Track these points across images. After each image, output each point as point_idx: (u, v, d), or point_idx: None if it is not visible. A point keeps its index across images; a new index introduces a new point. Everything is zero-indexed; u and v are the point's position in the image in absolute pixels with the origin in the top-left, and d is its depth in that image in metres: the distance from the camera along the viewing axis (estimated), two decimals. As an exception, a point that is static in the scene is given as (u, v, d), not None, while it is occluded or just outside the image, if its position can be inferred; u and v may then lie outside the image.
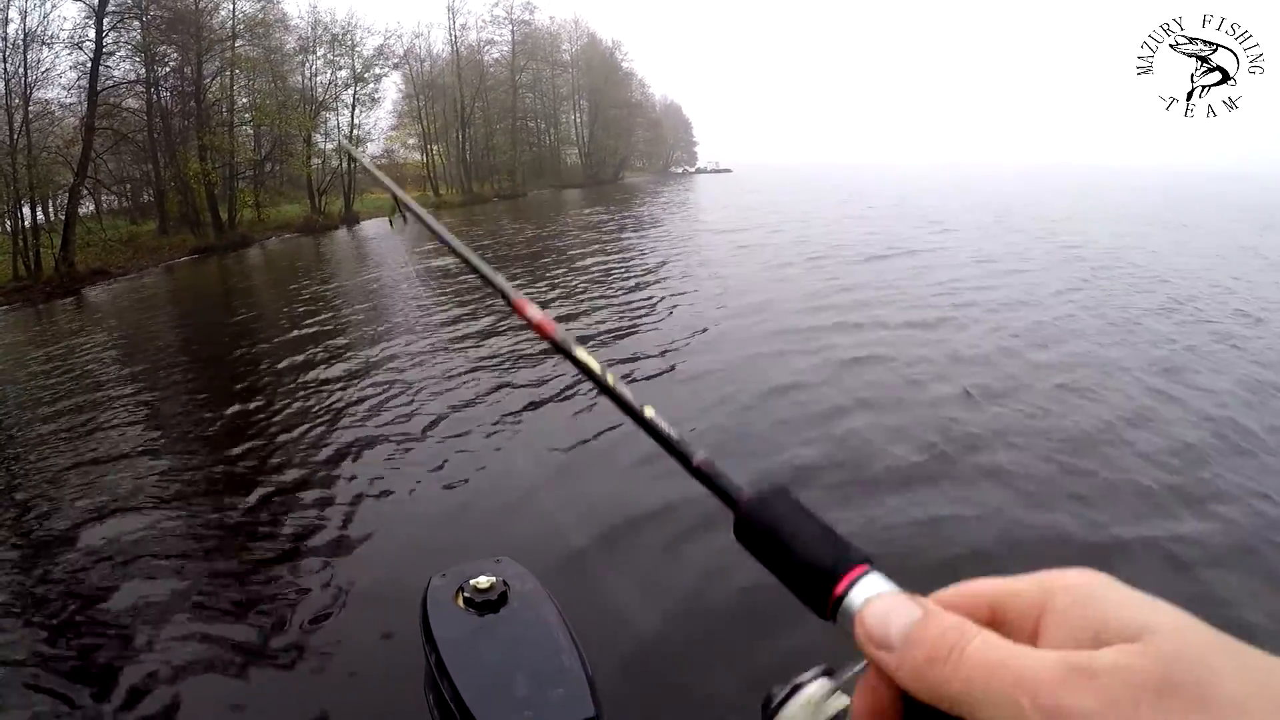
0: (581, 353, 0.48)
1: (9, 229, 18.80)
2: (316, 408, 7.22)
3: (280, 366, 8.98)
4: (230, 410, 7.36)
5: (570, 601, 2.44)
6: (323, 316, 12.02)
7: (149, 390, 8.45)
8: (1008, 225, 22.06)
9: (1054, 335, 8.70)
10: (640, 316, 10.45)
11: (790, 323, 9.49)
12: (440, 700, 1.84)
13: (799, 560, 0.36)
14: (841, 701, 0.59)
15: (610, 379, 0.45)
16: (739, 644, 3.31)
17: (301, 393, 7.78)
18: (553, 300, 11.82)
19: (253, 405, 7.45)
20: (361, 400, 7.33)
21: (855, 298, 10.96)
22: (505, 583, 2.15)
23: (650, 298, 11.66)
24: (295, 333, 10.87)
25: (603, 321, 10.29)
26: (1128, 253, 15.74)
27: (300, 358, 9.27)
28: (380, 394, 7.45)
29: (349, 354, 9.28)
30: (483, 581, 2.09)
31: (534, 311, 0.55)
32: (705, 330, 9.33)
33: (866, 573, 0.35)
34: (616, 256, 17.06)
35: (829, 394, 6.63)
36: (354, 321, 11.55)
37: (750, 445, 5.65)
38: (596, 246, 18.88)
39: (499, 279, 0.61)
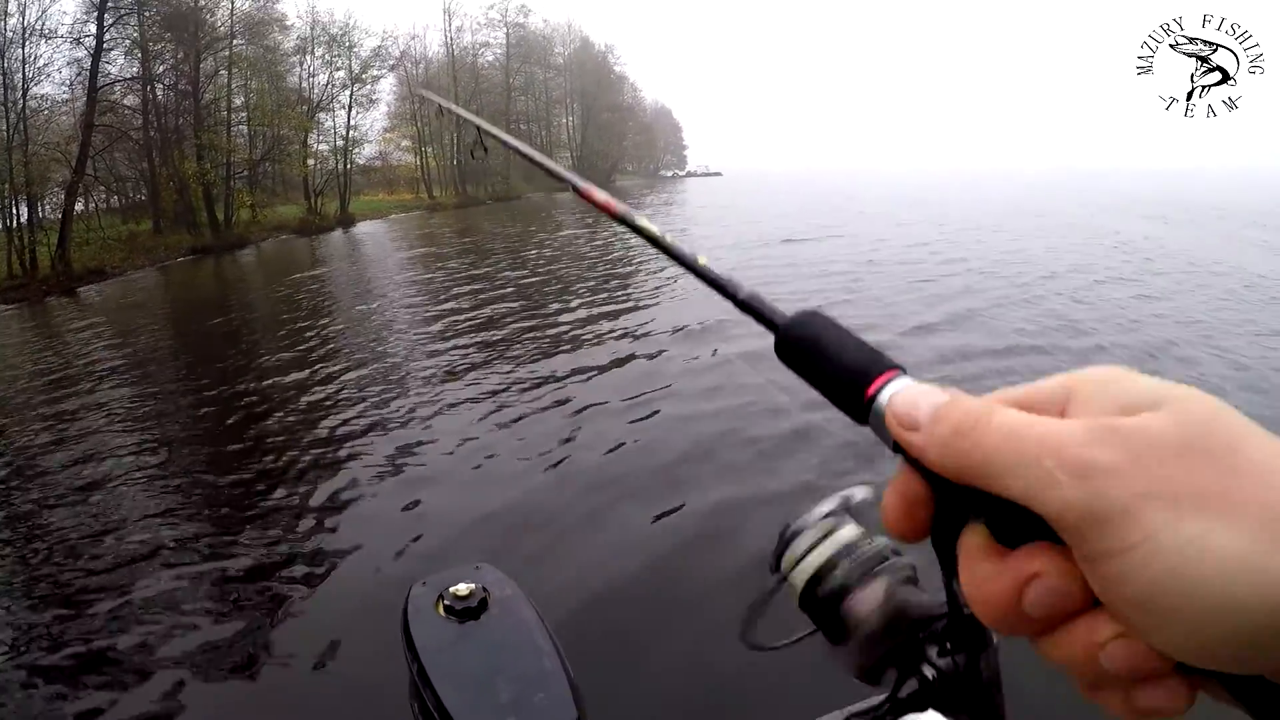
0: (642, 220, 0.55)
1: (4, 227, 18.51)
2: (306, 410, 7.11)
3: (271, 369, 8.85)
4: (220, 412, 7.24)
5: (550, 605, 2.41)
6: (316, 321, 11.88)
7: (141, 391, 8.31)
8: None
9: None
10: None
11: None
12: (424, 709, 1.83)
13: (835, 369, 0.38)
14: (850, 532, 0.72)
15: (668, 239, 0.53)
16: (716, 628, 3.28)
17: (291, 396, 7.66)
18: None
19: (243, 406, 7.34)
20: (351, 402, 7.24)
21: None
22: (485, 589, 2.14)
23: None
24: (288, 336, 10.73)
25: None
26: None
27: (290, 358, 9.15)
28: (370, 397, 7.36)
29: (340, 357, 9.18)
30: (462, 589, 2.07)
31: (599, 195, 0.64)
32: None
33: (898, 376, 0.36)
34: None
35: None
36: (346, 324, 11.41)
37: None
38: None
39: (568, 174, 0.70)
